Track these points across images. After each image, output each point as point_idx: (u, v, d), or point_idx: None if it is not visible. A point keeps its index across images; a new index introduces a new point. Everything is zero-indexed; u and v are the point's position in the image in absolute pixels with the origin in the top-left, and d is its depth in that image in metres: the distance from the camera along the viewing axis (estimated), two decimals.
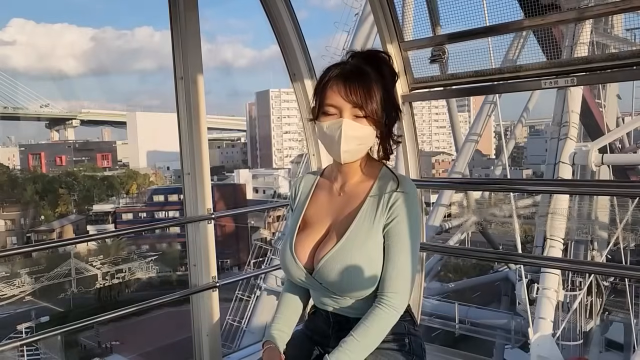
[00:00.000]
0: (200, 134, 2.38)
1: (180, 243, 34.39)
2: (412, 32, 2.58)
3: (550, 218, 10.71)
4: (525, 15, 2.10)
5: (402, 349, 1.55)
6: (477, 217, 16.50)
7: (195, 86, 2.34)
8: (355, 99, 1.44)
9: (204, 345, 2.48)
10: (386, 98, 1.50)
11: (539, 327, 9.97)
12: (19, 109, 69.74)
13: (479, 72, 2.42)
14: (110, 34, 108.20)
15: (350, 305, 1.54)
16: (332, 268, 1.48)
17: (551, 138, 11.61)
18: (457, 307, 14.45)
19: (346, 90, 1.45)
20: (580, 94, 11.23)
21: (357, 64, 1.51)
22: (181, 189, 2.50)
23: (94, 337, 25.75)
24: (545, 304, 10.25)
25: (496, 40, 2.33)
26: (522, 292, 10.61)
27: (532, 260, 6.18)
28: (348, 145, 1.47)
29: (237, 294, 15.44)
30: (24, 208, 40.65)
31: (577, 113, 11.18)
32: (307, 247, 1.56)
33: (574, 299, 12.14)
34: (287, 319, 1.63)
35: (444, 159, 55.65)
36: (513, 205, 12.04)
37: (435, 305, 14.82)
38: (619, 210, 11.83)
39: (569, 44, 5.57)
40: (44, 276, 29.84)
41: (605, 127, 12.37)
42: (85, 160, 62.11)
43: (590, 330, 12.97)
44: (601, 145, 10.52)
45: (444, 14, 2.49)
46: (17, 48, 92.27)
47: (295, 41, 2.61)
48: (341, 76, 1.48)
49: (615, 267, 6.63)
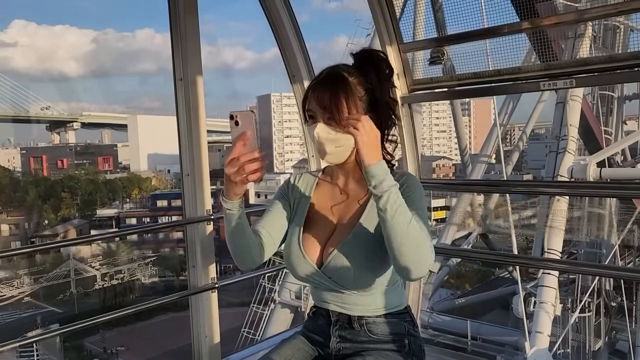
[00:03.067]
0: (199, 135, 2.40)
1: (182, 248, 34.32)
2: (423, 32, 2.58)
3: (548, 231, 10.71)
4: (520, 18, 2.11)
5: (402, 349, 1.55)
6: (483, 229, 16.59)
7: (194, 87, 2.36)
8: (325, 103, 1.45)
9: (203, 346, 2.49)
10: (370, 100, 1.49)
11: (536, 341, 9.94)
12: (20, 111, 69.84)
13: (477, 73, 2.43)
14: (112, 35, 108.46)
15: (354, 302, 1.54)
16: (343, 260, 1.48)
17: (549, 152, 11.65)
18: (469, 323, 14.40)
19: (317, 95, 1.47)
20: (579, 107, 11.26)
21: (337, 68, 1.51)
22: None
23: (100, 343, 25.76)
24: (542, 317, 10.20)
25: (495, 43, 2.34)
26: (519, 305, 10.57)
27: (530, 262, 6.18)
28: (324, 148, 1.47)
29: (252, 307, 16.06)
30: (27, 212, 40.65)
31: (576, 127, 11.20)
32: (315, 243, 1.55)
33: (584, 320, 12.33)
34: (246, 223, 1.52)
35: (444, 163, 55.65)
36: (509, 207, 12.07)
37: (448, 322, 14.76)
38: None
39: (568, 49, 5.59)
40: (43, 277, 29.90)
41: (603, 141, 12.45)
42: (86, 164, 62.19)
43: (598, 349, 13.14)
44: (600, 159, 10.55)
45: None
46: (18, 50, 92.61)
47: (294, 43, 2.63)
48: (316, 81, 1.51)
49: (615, 269, 6.63)
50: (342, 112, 1.44)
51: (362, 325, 1.54)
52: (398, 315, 1.57)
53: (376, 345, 1.54)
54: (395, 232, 1.30)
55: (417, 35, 2.58)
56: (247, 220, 1.51)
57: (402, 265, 1.33)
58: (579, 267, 4.70)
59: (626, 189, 2.94)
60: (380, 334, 1.54)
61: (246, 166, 1.33)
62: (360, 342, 1.55)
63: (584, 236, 13.13)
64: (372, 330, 1.54)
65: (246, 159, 1.32)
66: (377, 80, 1.50)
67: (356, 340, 1.55)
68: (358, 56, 1.54)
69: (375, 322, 1.54)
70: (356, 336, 1.55)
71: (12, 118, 69.20)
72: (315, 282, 1.57)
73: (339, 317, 1.57)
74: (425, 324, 13.01)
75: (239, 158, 1.33)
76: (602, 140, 12.48)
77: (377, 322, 1.55)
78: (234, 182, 1.37)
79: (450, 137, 73.36)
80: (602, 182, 7.88)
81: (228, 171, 1.35)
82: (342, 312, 1.56)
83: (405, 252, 1.31)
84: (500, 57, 2.33)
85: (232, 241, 1.51)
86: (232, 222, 1.47)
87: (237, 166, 1.33)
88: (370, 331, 1.54)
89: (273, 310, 13.88)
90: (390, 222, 1.30)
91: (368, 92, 1.49)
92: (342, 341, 1.57)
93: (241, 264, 1.56)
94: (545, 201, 11.42)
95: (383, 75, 1.52)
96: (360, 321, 1.54)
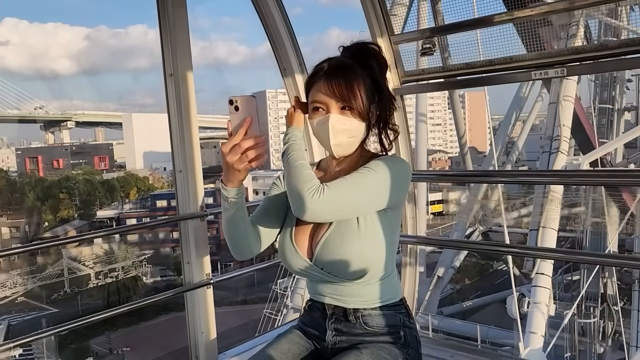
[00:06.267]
0: (191, 131, 2.38)
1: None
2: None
3: (542, 231, 10.77)
4: (506, 9, 2.11)
5: (397, 341, 1.55)
6: (484, 227, 16.73)
7: (185, 83, 2.34)
8: (339, 93, 1.46)
9: (200, 342, 2.49)
10: (375, 89, 1.51)
11: (530, 341, 10.00)
12: (13, 110, 69.45)
13: (469, 64, 2.43)
14: (104, 32, 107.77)
15: (349, 294, 1.54)
16: (330, 249, 1.49)
17: (542, 152, 11.75)
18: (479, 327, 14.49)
19: (330, 85, 1.47)
20: (571, 107, 11.35)
21: (342, 59, 1.52)
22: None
23: (105, 344, 25.81)
24: (536, 318, 10.28)
25: (486, 32, 2.33)
26: (513, 305, 10.63)
27: (525, 251, 6.20)
28: (337, 139, 1.48)
29: (265, 312, 16.47)
30: (27, 215, 40.46)
31: (569, 127, 11.30)
32: (305, 236, 1.56)
33: (590, 326, 12.66)
34: (245, 211, 1.54)
35: (440, 157, 55.68)
36: (500, 196, 12.14)
37: (459, 325, 14.84)
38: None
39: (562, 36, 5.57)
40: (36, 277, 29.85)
41: (596, 141, 12.53)
42: (82, 163, 61.90)
43: (603, 352, 13.44)
44: (592, 159, 10.65)
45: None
46: (9, 48, 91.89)
47: (285, 36, 2.61)
48: (325, 72, 1.50)
49: (615, 257, 6.64)
50: (358, 101, 1.45)
51: (358, 317, 1.54)
52: (393, 307, 1.57)
53: (372, 338, 1.54)
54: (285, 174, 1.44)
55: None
56: (246, 208, 1.51)
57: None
58: (574, 255, 4.74)
59: (618, 177, 2.96)
60: (376, 326, 1.55)
61: (249, 152, 1.33)
62: (356, 334, 1.55)
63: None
64: (367, 322, 1.54)
65: (247, 144, 1.32)
66: (380, 70, 1.52)
67: (352, 332, 1.55)
68: (352, 49, 1.54)
69: (371, 314, 1.55)
70: (352, 329, 1.55)
71: (5, 118, 68.77)
72: (310, 274, 1.57)
73: (334, 310, 1.57)
74: (436, 327, 13.09)
75: (241, 144, 1.32)
76: (595, 140, 12.59)
77: (373, 314, 1.55)
78: (238, 170, 1.37)
79: (445, 130, 73.34)
80: (595, 170, 7.91)
81: (230, 159, 1.34)
82: (338, 304, 1.56)
83: (289, 191, 1.41)
84: (492, 47, 2.33)
85: (230, 229, 1.52)
86: (232, 210, 1.47)
87: (239, 153, 1.33)
88: (365, 323, 1.54)
89: (285, 316, 14.15)
90: (283, 163, 1.44)
91: (373, 82, 1.51)
92: (338, 334, 1.57)
93: (237, 253, 1.56)
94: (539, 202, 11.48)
95: (384, 67, 1.54)
96: (356, 314, 1.54)
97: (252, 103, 1.32)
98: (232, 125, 1.32)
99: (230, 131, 1.33)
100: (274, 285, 16.43)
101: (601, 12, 5.15)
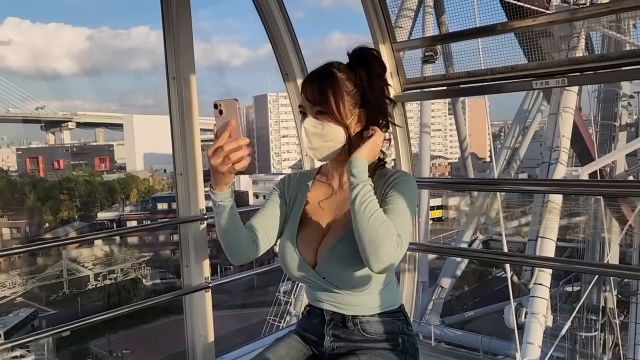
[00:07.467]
0: (193, 134, 2.39)
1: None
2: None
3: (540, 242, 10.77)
4: (508, 19, 2.12)
5: (396, 348, 1.55)
6: (484, 236, 16.77)
7: (187, 86, 2.35)
8: (312, 97, 1.47)
9: (197, 345, 2.48)
10: (361, 95, 1.49)
11: (527, 352, 9.96)
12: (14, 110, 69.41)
13: (471, 72, 2.43)
14: (106, 33, 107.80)
15: (348, 302, 1.54)
16: (336, 260, 1.49)
17: (542, 162, 11.76)
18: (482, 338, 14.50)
19: (305, 90, 1.49)
20: (571, 118, 11.36)
21: (328, 65, 1.52)
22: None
23: (106, 346, 25.74)
24: (534, 328, 10.22)
25: (487, 42, 2.34)
26: (511, 315, 10.60)
27: (525, 260, 6.19)
28: (312, 144, 1.48)
29: (268, 319, 16.64)
30: (28, 215, 40.37)
31: (568, 138, 11.31)
32: (309, 243, 1.56)
33: (591, 339, 12.74)
34: (236, 215, 1.52)
35: (440, 162, 55.68)
36: (499, 203, 12.14)
37: (460, 336, 14.84)
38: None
39: (562, 47, 5.60)
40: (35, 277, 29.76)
41: (595, 153, 12.57)
42: (83, 164, 61.88)
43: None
44: (591, 170, 10.65)
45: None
46: (12, 48, 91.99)
47: (287, 40, 2.62)
48: (306, 78, 1.53)
49: (614, 267, 6.63)
50: (330, 105, 1.45)
51: (356, 324, 1.54)
52: (392, 314, 1.57)
53: (370, 344, 1.54)
54: (358, 223, 1.34)
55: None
56: (237, 212, 1.50)
57: (364, 257, 1.35)
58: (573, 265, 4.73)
59: (616, 187, 2.96)
60: (374, 333, 1.54)
61: (231, 155, 1.32)
62: (354, 341, 1.55)
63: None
64: (366, 329, 1.54)
65: (230, 147, 1.32)
66: (367, 77, 1.50)
67: (350, 339, 1.55)
68: (352, 54, 1.54)
69: (370, 321, 1.54)
70: (350, 335, 1.55)
71: (6, 118, 68.76)
72: (310, 281, 1.56)
73: (333, 316, 1.57)
74: (437, 337, 13.11)
75: (223, 147, 1.32)
76: (594, 151, 12.62)
77: (371, 321, 1.54)
78: (222, 173, 1.36)
79: (445, 135, 73.35)
80: (595, 180, 7.91)
81: (214, 162, 1.34)
82: (336, 311, 1.56)
83: (365, 243, 1.34)
84: (493, 56, 2.34)
85: (224, 234, 1.50)
86: (223, 214, 1.46)
87: (222, 156, 1.32)
88: (364, 330, 1.54)
89: (288, 323, 14.24)
90: (357, 212, 1.35)
91: (358, 88, 1.49)
92: (336, 340, 1.57)
93: (233, 258, 1.55)
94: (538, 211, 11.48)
95: (374, 72, 1.51)
96: (354, 320, 1.54)
97: (234, 106, 1.33)
98: (217, 129, 1.34)
99: (216, 134, 1.35)
100: (277, 293, 16.59)
101: (602, 24, 5.18)
